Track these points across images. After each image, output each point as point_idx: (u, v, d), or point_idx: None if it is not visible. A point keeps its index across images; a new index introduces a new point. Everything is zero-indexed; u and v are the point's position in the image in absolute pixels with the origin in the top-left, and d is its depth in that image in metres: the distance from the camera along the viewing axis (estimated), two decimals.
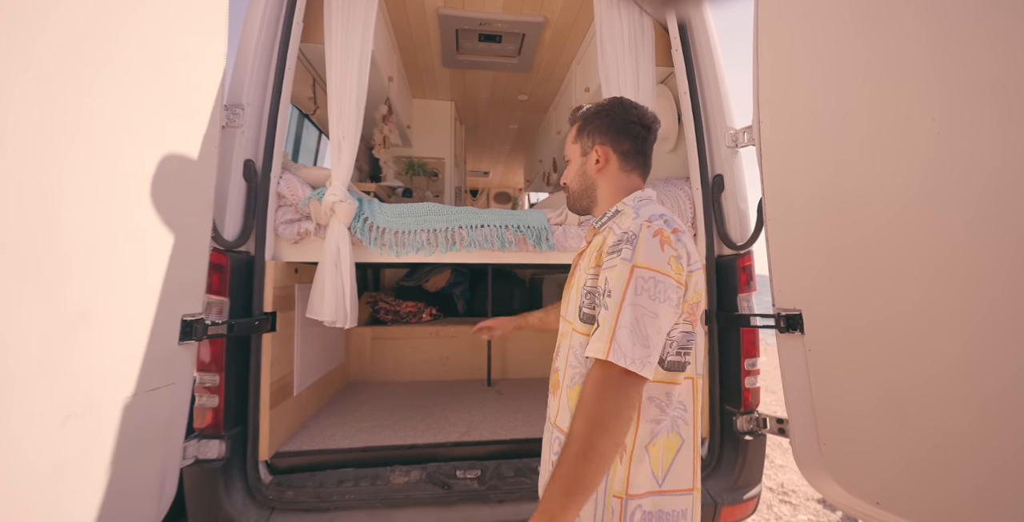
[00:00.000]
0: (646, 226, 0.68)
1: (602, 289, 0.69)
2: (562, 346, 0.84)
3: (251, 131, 1.38)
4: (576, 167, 0.88)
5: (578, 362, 0.75)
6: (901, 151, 0.98)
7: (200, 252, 1.12)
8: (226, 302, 1.27)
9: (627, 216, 0.74)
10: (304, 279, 1.68)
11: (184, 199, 1.06)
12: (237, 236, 1.31)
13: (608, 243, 0.72)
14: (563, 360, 0.80)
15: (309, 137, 2.48)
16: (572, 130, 0.91)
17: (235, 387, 1.29)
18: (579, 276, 0.81)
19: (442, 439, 1.58)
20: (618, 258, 0.68)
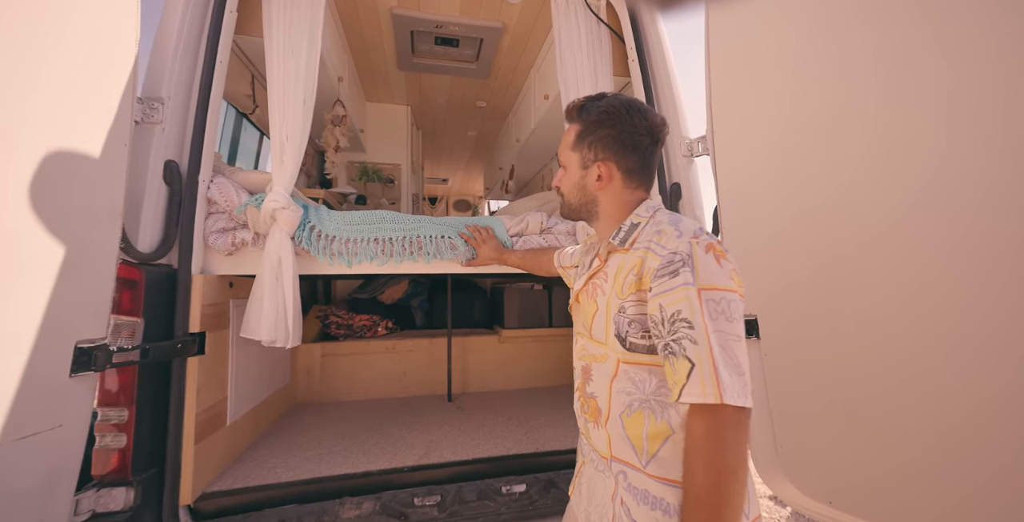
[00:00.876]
0: (695, 243, 0.63)
1: (661, 317, 0.62)
2: (595, 370, 0.75)
3: (174, 129, 1.22)
4: (574, 179, 0.80)
5: (635, 388, 0.68)
6: (852, 159, 1.03)
7: (103, 266, 0.96)
8: (139, 323, 1.10)
9: (668, 235, 0.66)
10: (241, 294, 1.51)
11: (82, 204, 0.90)
12: (156, 247, 1.15)
13: (650, 265, 0.65)
14: (603, 386, 0.73)
15: (249, 139, 2.28)
16: (571, 131, 0.80)
17: (150, 422, 1.12)
18: (608, 300, 0.72)
19: (398, 464, 1.46)
20: (676, 282, 0.61)
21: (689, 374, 0.57)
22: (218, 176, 1.32)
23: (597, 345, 0.75)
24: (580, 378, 0.81)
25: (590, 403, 0.76)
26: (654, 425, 0.66)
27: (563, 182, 0.84)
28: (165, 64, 1.21)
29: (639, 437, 0.67)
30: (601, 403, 0.73)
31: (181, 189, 1.20)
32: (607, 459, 0.72)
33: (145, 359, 1.06)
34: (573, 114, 0.81)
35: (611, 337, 0.71)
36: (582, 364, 0.80)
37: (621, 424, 0.69)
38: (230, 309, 1.44)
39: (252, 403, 1.67)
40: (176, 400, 1.16)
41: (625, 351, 0.69)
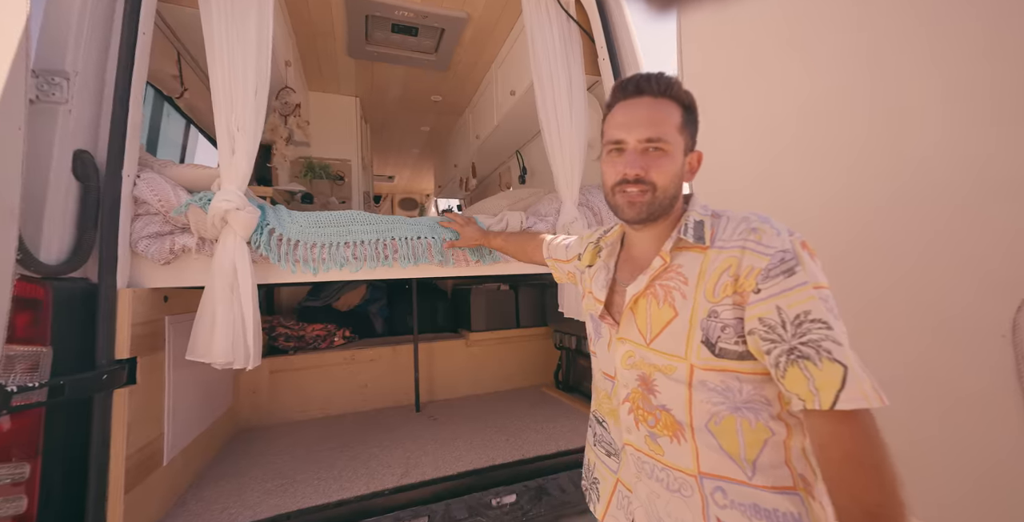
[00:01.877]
0: (794, 240, 0.59)
1: (781, 319, 0.56)
2: (660, 381, 0.67)
3: (84, 111, 1.00)
4: (678, 166, 0.67)
5: (723, 398, 0.62)
6: (823, 159, 1.10)
7: None
8: (45, 353, 0.88)
9: (767, 233, 0.60)
10: (178, 309, 1.28)
11: None
12: (66, 257, 0.93)
13: (751, 264, 0.59)
14: (678, 397, 0.65)
15: (173, 128, 1.96)
16: (672, 110, 0.67)
17: (61, 476, 0.90)
18: (694, 304, 0.64)
19: (377, 487, 1.33)
20: (793, 281, 0.56)
21: (845, 378, 0.52)
22: (146, 170, 1.10)
23: (661, 356, 0.67)
24: (631, 388, 0.72)
25: (661, 416, 0.67)
26: (750, 430, 0.60)
27: (658, 169, 0.66)
28: (68, 30, 0.98)
29: (735, 446, 0.61)
30: (679, 415, 0.65)
31: (99, 186, 0.98)
32: (694, 476, 0.63)
33: (58, 398, 0.85)
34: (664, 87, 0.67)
35: (695, 345, 0.63)
36: (637, 373, 0.70)
37: (711, 434, 0.62)
38: (165, 327, 1.22)
39: (192, 434, 1.44)
40: (99, 444, 0.95)
41: (712, 358, 0.62)
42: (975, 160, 0.88)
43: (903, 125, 0.98)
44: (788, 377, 0.55)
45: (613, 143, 0.69)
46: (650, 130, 0.66)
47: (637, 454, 0.72)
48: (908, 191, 0.97)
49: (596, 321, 0.81)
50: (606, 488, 0.79)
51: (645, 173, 0.66)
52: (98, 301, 0.96)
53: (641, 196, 0.66)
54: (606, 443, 0.80)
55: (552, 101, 1.60)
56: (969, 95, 0.88)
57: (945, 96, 0.91)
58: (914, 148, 0.96)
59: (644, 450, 0.70)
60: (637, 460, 0.72)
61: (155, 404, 1.19)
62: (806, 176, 1.16)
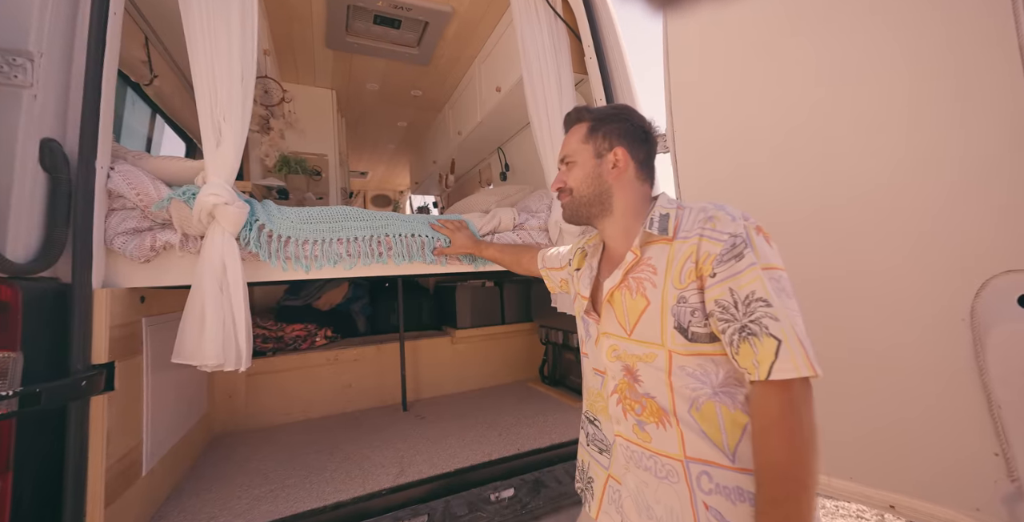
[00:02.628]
0: (748, 225, 0.64)
1: (733, 300, 0.61)
2: (642, 370, 0.72)
3: (51, 96, 0.92)
4: (588, 170, 0.80)
5: (699, 383, 0.66)
6: (799, 155, 1.17)
7: None
8: (15, 359, 0.81)
9: (721, 220, 0.65)
10: (156, 310, 1.21)
11: None
12: (35, 256, 0.85)
13: (707, 250, 0.64)
14: (660, 384, 0.69)
15: (136, 117, 1.82)
16: (578, 129, 0.84)
17: (33, 491, 0.83)
18: (663, 292, 0.69)
19: (373, 488, 1.31)
20: (743, 264, 0.62)
21: (777, 351, 0.57)
22: (120, 162, 1.03)
23: (641, 345, 0.72)
24: (618, 379, 0.76)
25: (647, 404, 0.71)
26: (729, 415, 0.65)
27: (570, 177, 0.83)
28: (31, 6, 0.90)
29: (716, 430, 0.65)
30: (663, 402, 0.69)
31: (70, 178, 0.90)
32: (680, 461, 0.67)
33: (32, 407, 0.78)
34: (577, 115, 0.86)
35: (668, 331, 0.68)
36: (622, 364, 0.75)
37: (693, 420, 0.66)
38: (143, 330, 1.14)
39: (170, 443, 1.36)
40: (76, 456, 0.88)
41: (687, 342, 0.66)
42: (938, 159, 0.96)
43: (872, 127, 1.05)
44: (740, 354, 0.61)
45: None
46: (563, 151, 0.86)
47: (626, 444, 0.75)
48: (876, 189, 1.05)
49: (586, 320, 0.86)
50: (599, 485, 0.82)
51: (563, 183, 0.84)
52: (72, 302, 0.89)
53: (563, 200, 0.85)
54: (598, 441, 0.83)
55: (543, 98, 1.61)
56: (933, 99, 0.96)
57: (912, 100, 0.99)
58: (881, 149, 1.04)
59: (633, 439, 0.74)
60: (626, 450, 0.75)
61: (133, 411, 1.12)
62: (779, 173, 1.23)
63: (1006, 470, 0.90)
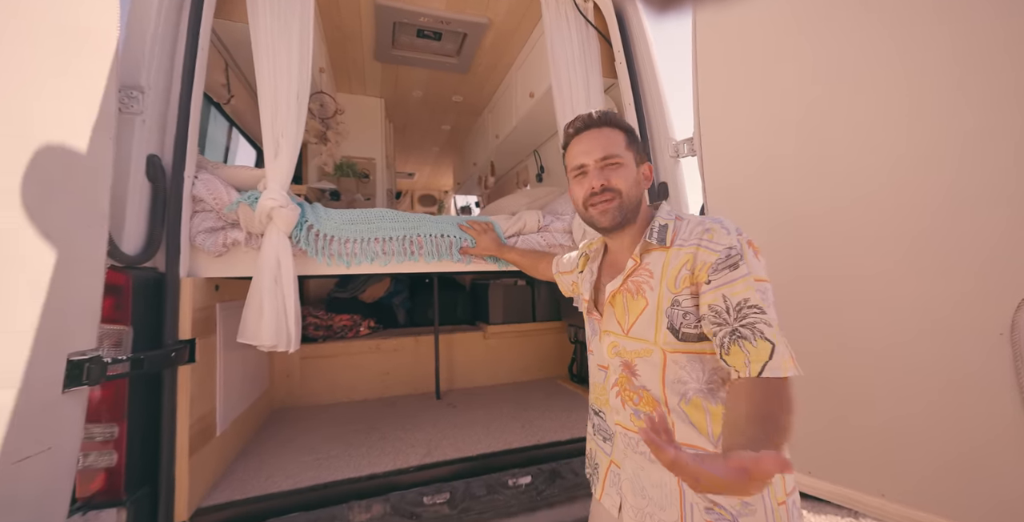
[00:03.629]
0: (741, 239, 0.70)
1: (725, 306, 0.67)
2: (640, 364, 0.78)
3: (155, 120, 1.13)
4: (634, 175, 0.81)
5: (689, 377, 0.73)
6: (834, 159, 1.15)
7: (93, 271, 0.88)
8: (127, 332, 1.02)
9: (718, 232, 0.71)
10: (226, 297, 1.42)
11: (70, 203, 0.82)
12: (141, 249, 1.06)
13: (704, 259, 0.70)
14: (655, 378, 0.76)
15: (217, 131, 2.12)
16: (616, 135, 0.82)
17: (140, 437, 1.04)
18: (659, 295, 0.75)
19: (402, 464, 1.45)
20: (737, 274, 0.67)
21: (772, 353, 0.63)
22: (202, 172, 1.23)
23: (637, 342, 0.78)
24: (618, 373, 0.83)
25: (644, 396, 0.77)
26: (713, 409, 0.71)
27: (617, 178, 0.79)
28: (143, 49, 1.11)
29: (703, 421, 0.71)
30: (656, 394, 0.75)
31: (165, 186, 1.11)
32: None
33: (139, 370, 0.98)
34: (610, 120, 0.84)
35: (662, 330, 0.74)
36: (621, 360, 0.82)
37: (683, 411, 0.73)
38: (216, 314, 1.36)
39: (238, 411, 1.59)
40: (168, 412, 1.09)
41: (676, 341, 0.72)
42: (980, 161, 0.91)
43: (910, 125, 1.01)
44: (730, 354, 0.66)
45: (577, 169, 0.83)
46: (604, 150, 0.80)
47: (625, 432, 0.82)
48: (911, 190, 1.01)
49: (590, 320, 0.93)
50: (603, 470, 0.89)
51: (608, 182, 0.78)
52: (166, 288, 1.10)
53: (610, 203, 0.79)
54: (603, 431, 0.90)
55: (571, 104, 1.67)
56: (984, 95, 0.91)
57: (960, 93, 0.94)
58: (917, 148, 0.99)
59: (630, 427, 0.80)
60: (625, 437, 0.82)
61: (209, 381, 1.33)
62: (810, 175, 1.20)
63: None
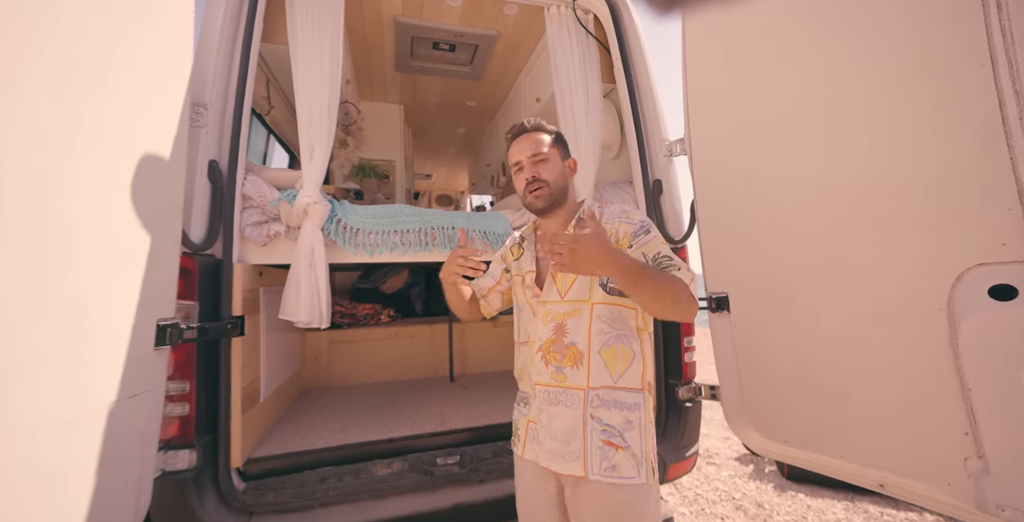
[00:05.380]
0: (646, 219, 1.00)
1: (646, 259, 0.93)
2: (570, 324, 0.97)
3: (214, 131, 1.35)
4: (560, 167, 1.02)
5: (609, 327, 0.95)
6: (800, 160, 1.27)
7: (171, 255, 1.10)
8: (194, 306, 1.24)
9: (632, 213, 0.99)
10: (268, 282, 1.64)
11: (157, 200, 1.03)
12: (204, 239, 1.28)
13: (625, 231, 0.96)
14: (582, 333, 0.96)
15: (257, 137, 2.37)
16: (540, 136, 1.03)
17: (205, 394, 1.26)
18: None
19: (418, 431, 1.64)
20: (649, 237, 0.95)
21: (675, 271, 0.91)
22: (250, 173, 1.45)
23: (571, 304, 0.98)
24: (545, 338, 0.99)
25: (569, 351, 0.96)
26: (624, 350, 0.95)
27: (544, 170, 1.00)
28: (208, 71, 1.33)
29: (614, 362, 0.95)
30: (582, 347, 0.95)
31: (222, 186, 1.33)
32: (583, 390, 0.94)
33: (204, 337, 1.20)
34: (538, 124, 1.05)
35: (595, 288, 0.96)
36: (552, 325, 0.99)
37: (600, 358, 0.94)
38: (260, 296, 1.58)
39: (276, 383, 1.81)
40: (225, 375, 1.31)
41: (606, 295, 0.95)
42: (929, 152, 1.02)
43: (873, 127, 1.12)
44: None
45: (515, 165, 1.03)
46: (533, 149, 1.01)
47: (545, 389, 0.99)
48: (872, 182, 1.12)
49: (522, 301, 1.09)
50: (523, 430, 1.05)
51: (539, 174, 0.99)
52: (222, 272, 1.32)
53: (541, 191, 0.99)
54: (523, 399, 1.08)
55: (571, 109, 1.83)
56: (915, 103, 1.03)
57: (897, 103, 1.06)
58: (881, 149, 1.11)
59: (550, 383, 0.98)
60: (545, 394, 0.99)
61: (254, 354, 1.55)
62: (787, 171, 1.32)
63: (975, 448, 0.96)
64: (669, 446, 1.68)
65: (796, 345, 1.33)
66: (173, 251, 1.10)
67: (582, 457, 0.92)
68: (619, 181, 1.97)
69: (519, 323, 1.12)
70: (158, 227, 1.02)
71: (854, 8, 1.16)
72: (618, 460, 0.91)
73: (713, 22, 1.52)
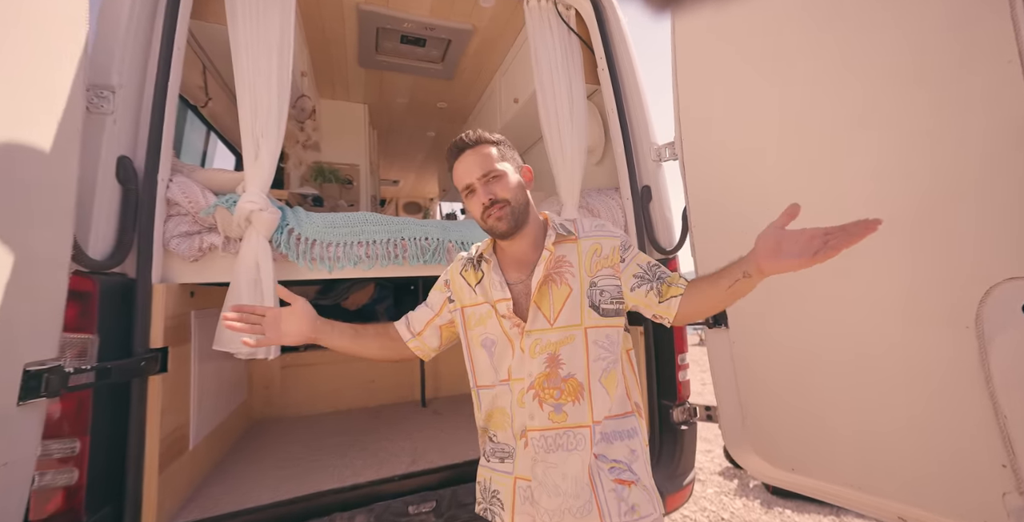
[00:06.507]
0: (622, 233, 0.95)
1: (643, 269, 0.89)
2: (564, 353, 0.84)
3: (126, 121, 1.09)
4: (516, 181, 0.88)
5: (606, 351, 0.86)
6: (804, 163, 1.18)
7: (54, 276, 0.84)
8: (92, 340, 0.97)
9: (607, 227, 0.94)
10: (203, 304, 1.37)
11: (28, 203, 0.78)
12: (109, 254, 1.02)
13: (611, 245, 0.90)
14: (580, 362, 0.85)
15: (194, 135, 2.06)
16: (485, 150, 0.88)
17: (105, 453, 0.98)
18: (580, 279, 0.88)
19: (387, 473, 1.41)
20: (635, 250, 0.92)
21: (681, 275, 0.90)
22: (177, 174, 1.20)
23: (562, 330, 0.85)
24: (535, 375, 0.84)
25: (568, 385, 0.83)
26: (616, 376, 0.87)
27: (500, 188, 0.85)
28: (114, 47, 1.08)
29: (613, 390, 0.86)
30: (581, 378, 0.84)
31: (137, 189, 1.07)
32: (588, 427, 0.83)
33: (106, 380, 0.93)
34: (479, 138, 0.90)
35: (586, 310, 0.86)
36: (544, 356, 0.84)
37: (602, 387, 0.85)
38: (191, 321, 1.31)
39: (213, 423, 1.52)
40: (136, 425, 1.04)
41: (599, 317, 0.86)
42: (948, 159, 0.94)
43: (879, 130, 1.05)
44: (664, 292, 0.86)
45: (465, 188, 0.89)
46: (482, 168, 0.87)
47: (541, 434, 0.83)
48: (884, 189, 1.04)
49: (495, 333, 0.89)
50: (507, 493, 0.86)
51: (495, 195, 0.86)
52: (136, 295, 1.05)
53: (502, 210, 0.86)
54: (499, 452, 0.89)
55: (554, 109, 1.69)
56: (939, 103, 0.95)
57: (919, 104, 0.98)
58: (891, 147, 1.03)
59: (549, 426, 0.83)
60: (540, 440, 0.83)
61: (182, 392, 1.28)
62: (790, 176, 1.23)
63: (1015, 482, 0.87)
64: (664, 474, 1.54)
65: (803, 364, 1.23)
66: (56, 271, 0.84)
67: (595, 508, 0.80)
68: (604, 188, 1.85)
69: (488, 361, 0.90)
70: (29, 240, 0.77)
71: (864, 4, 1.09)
72: (634, 498, 0.82)
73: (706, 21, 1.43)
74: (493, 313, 0.90)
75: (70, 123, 0.85)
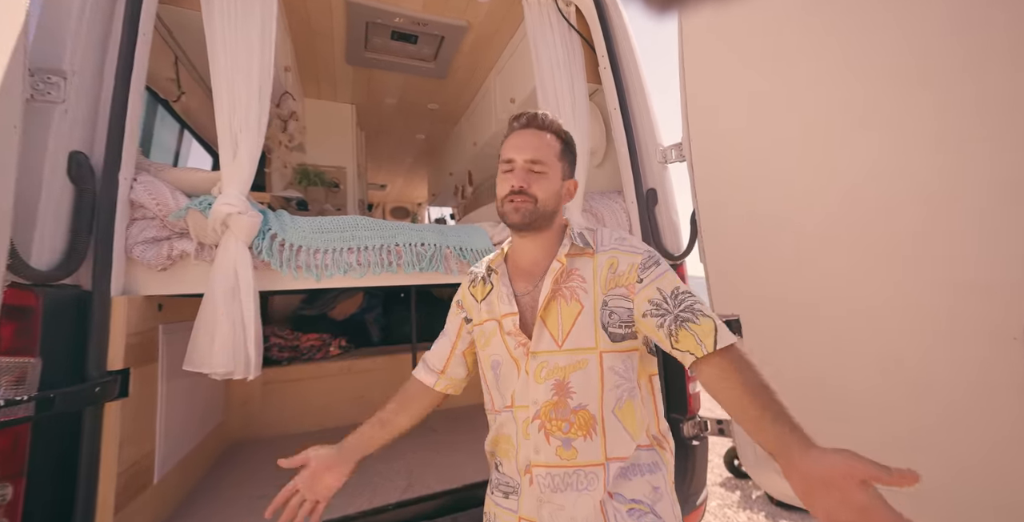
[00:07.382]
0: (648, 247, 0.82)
1: (663, 296, 0.73)
2: (575, 380, 0.75)
3: (81, 112, 0.96)
4: (556, 187, 0.80)
5: (622, 379, 0.76)
6: (825, 163, 1.11)
7: None
8: (34, 364, 0.83)
9: (629, 240, 0.82)
10: (172, 317, 1.23)
11: None
12: (57, 263, 0.88)
13: (629, 261, 0.78)
14: (593, 391, 0.75)
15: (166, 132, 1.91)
16: (552, 141, 0.81)
17: (46, 496, 0.84)
18: (594, 297, 0.77)
19: (380, 501, 1.28)
20: (661, 269, 0.77)
21: (716, 326, 0.70)
22: (143, 173, 1.06)
23: (572, 354, 0.75)
24: (541, 403, 0.75)
25: (578, 417, 0.74)
26: (634, 406, 0.76)
27: (538, 185, 0.77)
28: (66, 28, 0.95)
29: (632, 421, 0.76)
30: (594, 410, 0.74)
31: (94, 189, 0.94)
32: (602, 465, 0.73)
33: (46, 412, 0.79)
34: (552, 124, 0.82)
35: (599, 330, 0.76)
36: (551, 382, 0.75)
37: (617, 419, 0.75)
38: (159, 337, 1.17)
39: (184, 451, 1.37)
40: (88, 462, 0.89)
41: (610, 342, 0.76)
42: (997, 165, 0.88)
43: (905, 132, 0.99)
44: (680, 339, 0.69)
45: (506, 162, 0.81)
46: (534, 153, 0.78)
47: (547, 471, 0.74)
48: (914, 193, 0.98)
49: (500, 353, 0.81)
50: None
51: (528, 187, 0.77)
52: (91, 309, 0.92)
53: (524, 204, 0.77)
54: (503, 485, 0.82)
55: (555, 109, 1.61)
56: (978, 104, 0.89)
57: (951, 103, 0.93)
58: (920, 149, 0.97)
59: (556, 463, 0.74)
60: (546, 478, 0.74)
61: (147, 418, 1.13)
62: (806, 178, 1.17)
63: None
64: (678, 495, 1.45)
65: (827, 376, 1.16)
66: None
67: None
68: (607, 191, 1.77)
69: (496, 383, 0.83)
70: None
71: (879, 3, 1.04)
72: None
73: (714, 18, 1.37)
74: (498, 330, 0.81)
75: (6, 112, 0.72)
